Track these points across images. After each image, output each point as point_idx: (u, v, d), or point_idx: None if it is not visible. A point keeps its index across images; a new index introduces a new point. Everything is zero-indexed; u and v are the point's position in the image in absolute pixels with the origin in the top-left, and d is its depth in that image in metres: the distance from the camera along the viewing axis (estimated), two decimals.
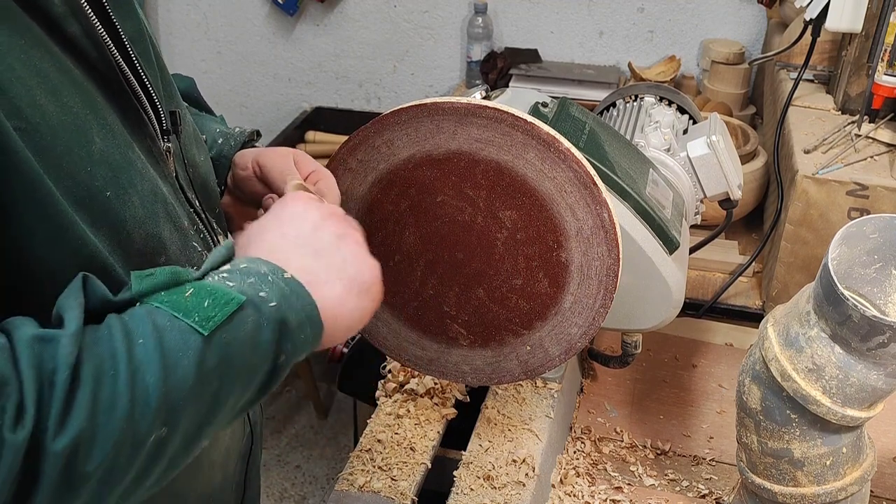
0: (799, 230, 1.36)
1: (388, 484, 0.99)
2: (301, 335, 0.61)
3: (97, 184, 0.60)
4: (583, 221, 0.84)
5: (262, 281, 0.60)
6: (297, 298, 0.61)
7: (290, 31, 2.67)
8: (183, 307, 0.55)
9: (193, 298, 0.56)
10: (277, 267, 0.62)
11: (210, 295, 0.57)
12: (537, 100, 1.05)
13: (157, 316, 0.55)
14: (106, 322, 0.54)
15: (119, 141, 0.64)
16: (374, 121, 0.86)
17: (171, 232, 0.68)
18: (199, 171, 0.80)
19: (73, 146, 0.59)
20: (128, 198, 0.63)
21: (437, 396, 1.12)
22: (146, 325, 0.54)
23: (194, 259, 0.71)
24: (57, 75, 0.59)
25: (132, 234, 0.63)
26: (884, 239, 0.80)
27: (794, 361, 0.82)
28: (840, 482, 0.86)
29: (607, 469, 1.11)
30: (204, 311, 0.56)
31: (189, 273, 0.59)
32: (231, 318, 0.56)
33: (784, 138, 1.52)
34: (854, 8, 1.41)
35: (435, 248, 0.90)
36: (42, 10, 0.60)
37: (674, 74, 2.26)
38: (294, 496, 2.41)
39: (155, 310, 0.55)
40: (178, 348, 0.54)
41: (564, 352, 0.92)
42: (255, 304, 0.58)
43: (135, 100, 0.67)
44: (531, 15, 2.45)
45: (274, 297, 0.59)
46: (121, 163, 0.63)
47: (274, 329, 0.59)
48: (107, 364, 0.51)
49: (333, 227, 0.69)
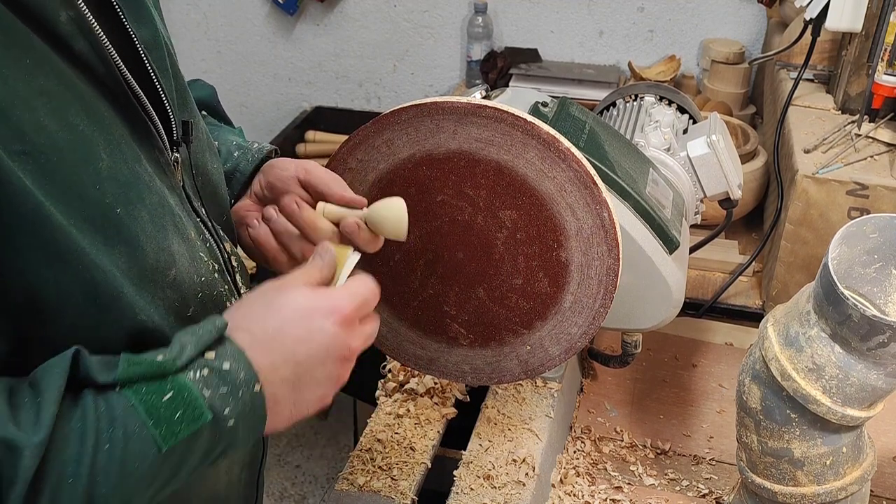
0: (799, 230, 1.36)
1: (388, 483, 0.99)
2: (241, 444, 0.64)
3: (107, 201, 0.60)
4: (583, 221, 0.84)
5: (233, 393, 0.61)
6: (253, 417, 0.63)
7: (290, 31, 2.67)
8: (156, 414, 0.57)
9: (169, 406, 0.58)
10: (254, 377, 0.62)
11: (184, 406, 0.58)
12: (537, 99, 1.05)
13: (129, 420, 0.56)
14: (82, 413, 0.55)
15: (126, 155, 0.64)
16: (374, 120, 0.86)
17: (180, 244, 0.68)
18: (209, 180, 0.79)
19: (80, 165, 0.59)
20: (137, 213, 0.63)
21: (437, 396, 1.12)
22: (117, 431, 0.56)
23: (202, 271, 0.70)
24: (62, 93, 0.59)
25: (145, 248, 0.63)
26: (884, 238, 0.80)
27: (794, 361, 0.82)
28: (840, 482, 0.86)
29: (607, 469, 1.11)
30: (172, 425, 0.58)
31: (175, 363, 0.59)
32: (192, 435, 0.59)
33: (784, 138, 1.52)
34: (854, 7, 1.41)
35: (435, 247, 0.90)
36: (48, 29, 0.59)
37: (674, 74, 2.26)
38: (294, 496, 2.41)
39: (130, 411, 0.57)
40: (137, 458, 0.56)
41: (564, 351, 0.92)
42: (217, 424, 0.60)
43: (142, 112, 0.67)
44: (531, 14, 2.45)
45: (233, 415, 0.61)
46: (129, 178, 0.63)
47: (223, 447, 0.62)
48: (70, 468, 0.54)
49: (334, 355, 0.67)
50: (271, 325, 0.65)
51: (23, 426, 0.53)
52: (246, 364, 0.62)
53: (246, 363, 0.62)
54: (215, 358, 0.61)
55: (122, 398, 0.57)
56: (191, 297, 0.68)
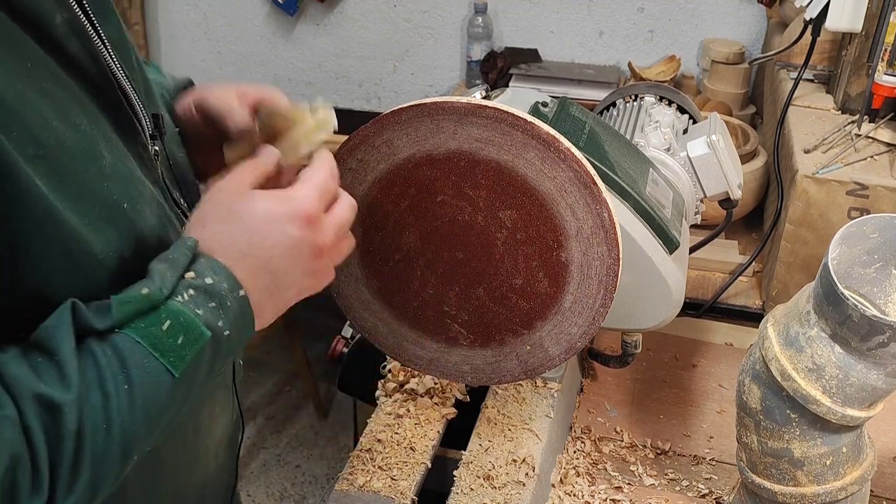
0: (799, 230, 1.36)
1: (388, 483, 0.99)
2: (236, 348, 0.66)
3: (115, 198, 0.62)
4: (583, 221, 0.84)
5: (222, 305, 0.63)
6: (243, 321, 0.65)
7: (290, 31, 2.67)
8: (160, 345, 0.59)
9: (169, 334, 0.59)
10: (236, 283, 0.64)
11: (183, 330, 0.60)
12: (537, 99, 1.05)
13: (138, 357, 0.58)
14: (94, 361, 0.57)
15: (120, 152, 0.65)
16: (374, 120, 0.86)
17: (173, 235, 0.69)
18: (180, 169, 0.80)
19: (89, 164, 0.60)
20: (140, 207, 0.65)
21: (437, 396, 1.12)
22: (131, 370, 0.58)
23: None
24: (63, 95, 0.60)
25: (150, 242, 0.65)
26: (884, 239, 0.80)
27: (794, 361, 0.82)
28: (840, 482, 0.86)
29: (607, 469, 1.11)
30: (177, 351, 0.60)
31: (161, 291, 0.60)
32: (197, 354, 0.61)
33: (784, 138, 1.52)
34: (854, 8, 1.41)
35: (435, 247, 0.90)
36: (44, 31, 0.60)
37: (674, 74, 2.26)
38: (294, 496, 2.41)
39: (136, 348, 0.58)
40: (155, 389, 0.59)
41: (564, 351, 0.92)
42: (216, 339, 0.62)
43: (129, 109, 0.68)
44: (531, 15, 2.45)
45: (228, 325, 0.63)
46: (126, 174, 0.65)
47: (224, 357, 0.65)
48: (99, 416, 0.56)
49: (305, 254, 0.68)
50: (238, 239, 0.66)
51: (50, 385, 0.54)
52: (226, 273, 0.64)
53: (226, 273, 0.64)
54: (196, 276, 0.63)
55: (126, 338, 0.58)
56: None
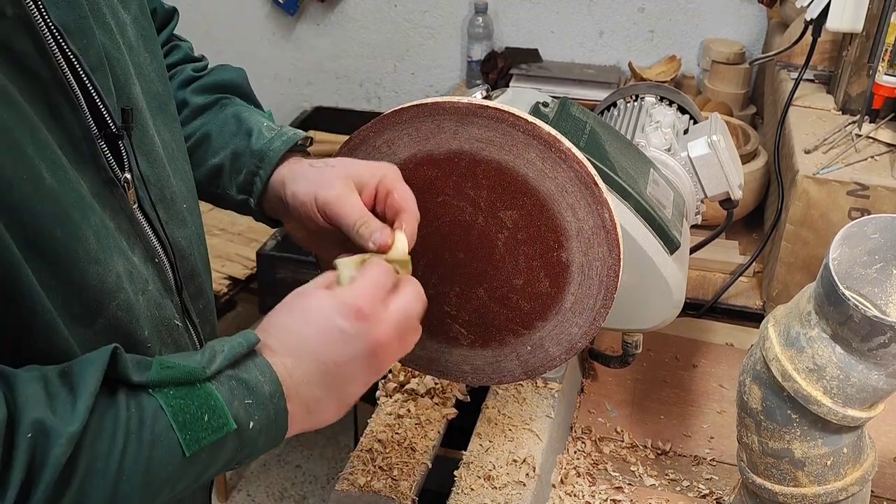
0: (799, 230, 1.36)
1: (389, 484, 0.99)
2: (260, 452, 0.65)
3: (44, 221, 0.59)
4: (584, 221, 0.84)
5: (260, 406, 0.62)
6: (274, 428, 0.64)
7: (290, 31, 2.67)
8: (182, 420, 0.58)
9: (195, 412, 0.59)
10: (279, 390, 0.63)
11: (210, 412, 0.59)
12: (538, 100, 1.05)
13: (157, 424, 0.58)
14: (115, 411, 0.56)
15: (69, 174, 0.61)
16: (375, 121, 0.86)
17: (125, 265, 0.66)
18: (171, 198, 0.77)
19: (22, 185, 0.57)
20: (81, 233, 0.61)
21: (438, 396, 1.12)
22: (145, 433, 0.57)
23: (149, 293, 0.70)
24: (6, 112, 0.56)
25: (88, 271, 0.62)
26: (885, 239, 0.80)
27: (794, 361, 0.82)
28: (841, 482, 0.86)
29: (608, 469, 1.11)
30: (197, 430, 0.59)
31: (204, 371, 0.60)
32: (215, 442, 0.60)
33: (784, 138, 1.52)
34: (855, 8, 1.41)
35: (436, 247, 0.90)
36: None
37: (674, 74, 2.26)
38: (294, 496, 2.41)
39: (159, 414, 0.58)
40: (162, 460, 0.58)
41: (565, 352, 0.92)
42: (240, 434, 0.61)
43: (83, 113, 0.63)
44: (531, 15, 2.45)
45: (259, 425, 0.62)
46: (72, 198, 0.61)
47: (245, 455, 0.64)
48: (99, 463, 0.55)
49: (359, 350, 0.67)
50: (295, 334, 0.66)
51: (58, 414, 0.54)
52: (272, 378, 0.63)
53: (272, 377, 0.63)
54: (244, 370, 0.62)
55: (153, 401, 0.58)
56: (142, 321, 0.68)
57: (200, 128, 0.89)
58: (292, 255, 2.07)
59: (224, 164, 0.87)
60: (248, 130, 0.87)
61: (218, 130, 0.88)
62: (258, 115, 0.90)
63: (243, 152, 0.86)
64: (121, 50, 0.71)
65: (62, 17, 0.63)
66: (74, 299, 0.62)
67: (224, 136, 0.88)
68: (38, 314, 0.59)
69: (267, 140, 0.86)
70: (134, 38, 0.75)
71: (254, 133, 0.86)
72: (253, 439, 0.62)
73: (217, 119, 0.90)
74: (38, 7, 0.59)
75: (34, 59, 0.59)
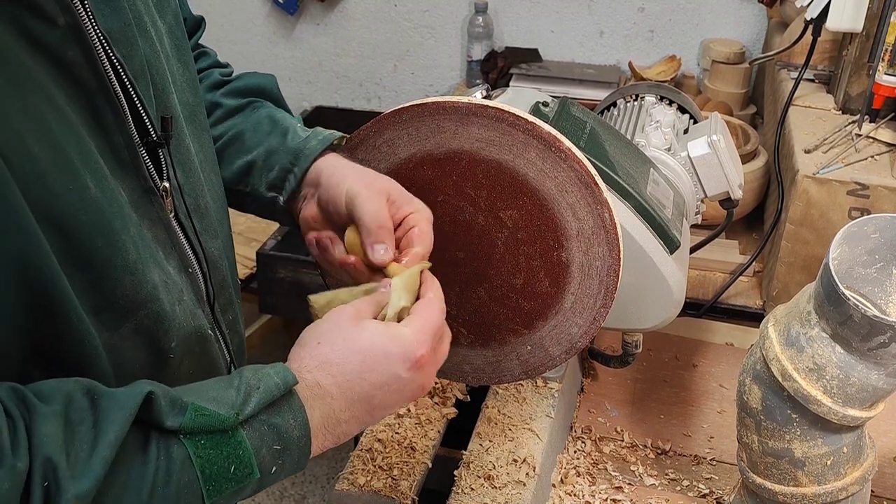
0: (799, 230, 1.36)
1: (389, 483, 0.99)
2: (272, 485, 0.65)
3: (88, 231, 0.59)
4: (584, 221, 0.84)
5: (286, 451, 0.62)
6: (294, 468, 0.64)
7: (290, 31, 2.67)
8: (209, 472, 0.58)
9: (223, 462, 0.58)
10: (307, 434, 0.63)
11: (237, 462, 0.59)
12: (538, 99, 1.05)
13: (185, 473, 0.57)
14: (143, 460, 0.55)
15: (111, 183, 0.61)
16: (375, 120, 0.86)
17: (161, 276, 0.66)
18: (206, 208, 0.77)
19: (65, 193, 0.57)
20: (122, 244, 0.61)
21: (438, 396, 1.12)
22: (171, 488, 0.56)
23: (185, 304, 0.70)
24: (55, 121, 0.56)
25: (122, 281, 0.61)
26: (885, 239, 0.80)
27: (794, 361, 0.82)
28: (841, 482, 0.86)
29: (608, 469, 1.11)
30: (221, 482, 0.58)
31: (237, 417, 0.59)
32: (237, 491, 0.60)
33: (784, 138, 1.52)
34: (855, 8, 1.41)
35: (436, 247, 0.90)
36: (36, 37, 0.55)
37: (674, 74, 2.26)
38: (294, 495, 2.41)
39: (187, 463, 0.57)
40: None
41: (565, 351, 0.92)
42: (261, 479, 0.61)
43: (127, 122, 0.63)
44: (531, 14, 2.45)
45: (281, 470, 0.62)
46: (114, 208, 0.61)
47: (257, 491, 0.63)
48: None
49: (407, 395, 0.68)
50: (353, 380, 0.65)
51: (71, 461, 0.52)
52: (303, 422, 0.63)
53: (303, 421, 0.63)
54: (277, 413, 0.62)
55: (183, 450, 0.57)
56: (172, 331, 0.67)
57: (233, 127, 0.89)
58: (292, 255, 2.07)
59: (256, 161, 0.86)
60: (283, 130, 0.87)
61: (252, 129, 0.88)
62: (291, 118, 0.91)
63: (277, 150, 0.85)
64: (160, 59, 0.71)
65: (108, 25, 0.63)
66: (106, 306, 0.61)
67: (258, 134, 0.87)
68: (73, 323, 0.58)
69: (302, 139, 0.86)
70: (169, 48, 0.75)
71: (289, 132, 0.86)
72: (272, 480, 0.62)
73: (250, 119, 0.89)
74: (87, 14, 0.59)
75: (83, 67, 0.59)
